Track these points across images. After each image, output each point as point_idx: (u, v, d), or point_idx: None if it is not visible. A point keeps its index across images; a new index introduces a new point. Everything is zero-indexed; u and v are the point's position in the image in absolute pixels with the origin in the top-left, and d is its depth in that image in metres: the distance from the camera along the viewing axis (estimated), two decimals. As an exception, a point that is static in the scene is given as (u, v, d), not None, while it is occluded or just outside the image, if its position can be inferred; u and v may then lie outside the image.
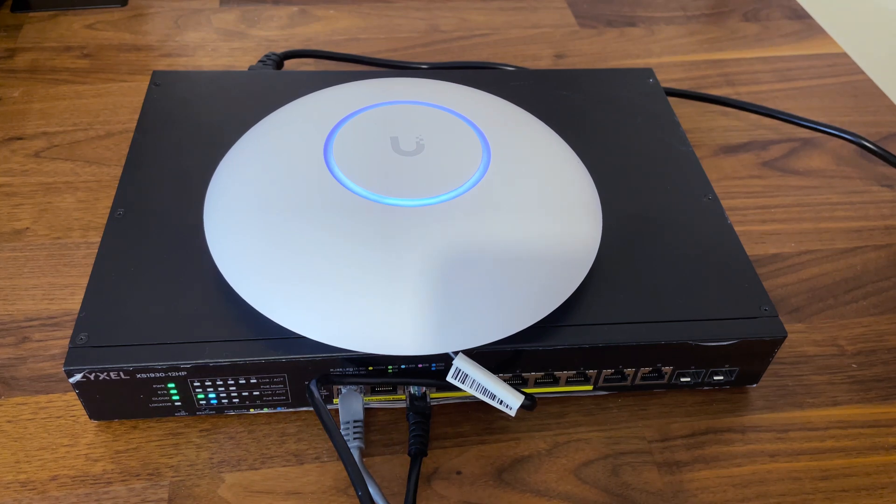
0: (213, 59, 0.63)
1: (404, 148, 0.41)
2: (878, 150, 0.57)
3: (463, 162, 0.41)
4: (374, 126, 0.43)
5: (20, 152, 0.53)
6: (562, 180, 0.43)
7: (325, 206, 0.38)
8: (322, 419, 0.35)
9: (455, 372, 0.36)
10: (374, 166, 0.40)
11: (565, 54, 0.67)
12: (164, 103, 0.49)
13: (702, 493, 0.38)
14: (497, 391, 0.36)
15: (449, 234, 0.37)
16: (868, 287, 0.49)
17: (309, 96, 0.47)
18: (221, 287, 0.38)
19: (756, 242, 0.51)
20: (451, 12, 0.71)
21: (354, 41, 0.66)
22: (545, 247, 0.38)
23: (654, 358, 0.39)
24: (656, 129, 0.50)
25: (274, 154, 0.42)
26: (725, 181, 0.55)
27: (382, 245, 0.37)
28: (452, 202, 0.39)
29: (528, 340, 0.37)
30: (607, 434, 0.40)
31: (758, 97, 0.64)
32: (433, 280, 0.36)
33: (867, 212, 0.54)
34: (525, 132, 0.45)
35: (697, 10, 0.74)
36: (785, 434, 0.41)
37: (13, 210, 0.49)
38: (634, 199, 0.45)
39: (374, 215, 0.38)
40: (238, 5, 0.70)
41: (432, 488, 0.38)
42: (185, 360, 0.36)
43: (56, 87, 0.59)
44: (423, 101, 0.45)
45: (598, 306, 0.39)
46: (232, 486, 0.37)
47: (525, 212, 0.40)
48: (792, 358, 0.45)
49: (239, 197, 0.40)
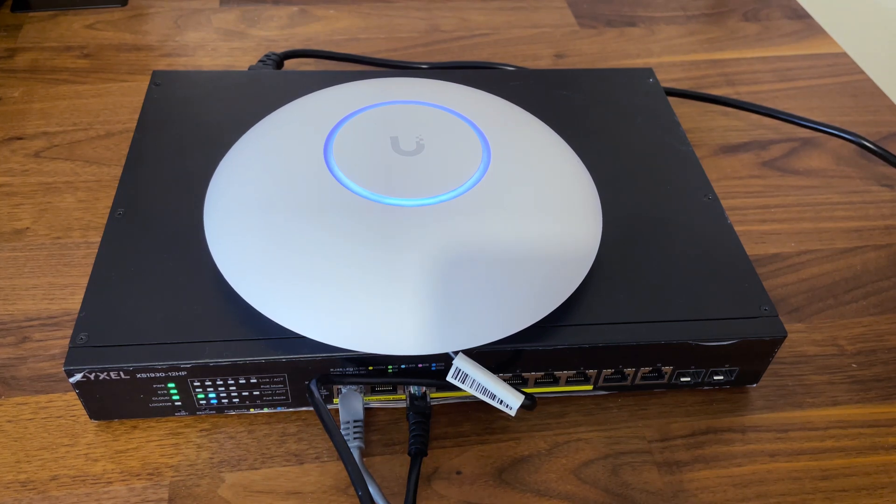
0: (213, 58, 0.63)
1: (404, 148, 0.41)
2: (878, 150, 0.57)
3: (463, 162, 0.41)
4: (374, 126, 0.43)
5: (20, 152, 0.53)
6: (562, 180, 0.43)
7: (325, 205, 0.38)
8: (322, 419, 0.35)
9: (455, 372, 0.36)
10: (374, 166, 0.40)
11: (565, 54, 0.67)
12: (164, 103, 0.49)
13: (702, 493, 0.38)
14: (497, 391, 0.36)
15: (449, 234, 0.37)
16: (868, 287, 0.49)
17: (309, 96, 0.47)
18: (221, 287, 0.38)
19: (756, 242, 0.51)
20: (451, 12, 0.71)
21: (354, 41, 0.66)
22: (545, 247, 0.38)
23: (654, 358, 0.39)
24: (656, 129, 0.50)
25: (274, 154, 0.42)
26: (725, 181, 0.55)
27: (382, 245, 0.37)
28: (452, 202, 0.39)
29: (528, 340, 0.37)
30: (607, 434, 0.40)
31: (758, 97, 0.64)
32: (433, 280, 0.36)
33: (867, 212, 0.54)
34: (525, 132, 0.45)
35: (697, 10, 0.74)
36: (785, 434, 0.41)
37: (13, 210, 0.49)
38: (634, 199, 0.45)
39: (374, 215, 0.38)
40: (238, 5, 0.70)
41: (432, 488, 0.38)
42: (185, 360, 0.36)
43: (56, 87, 0.59)
44: (423, 101, 0.45)
45: (598, 306, 0.39)
46: (232, 485, 0.37)
47: (525, 212, 0.40)
48: (792, 358, 0.45)
49: (239, 197, 0.40)
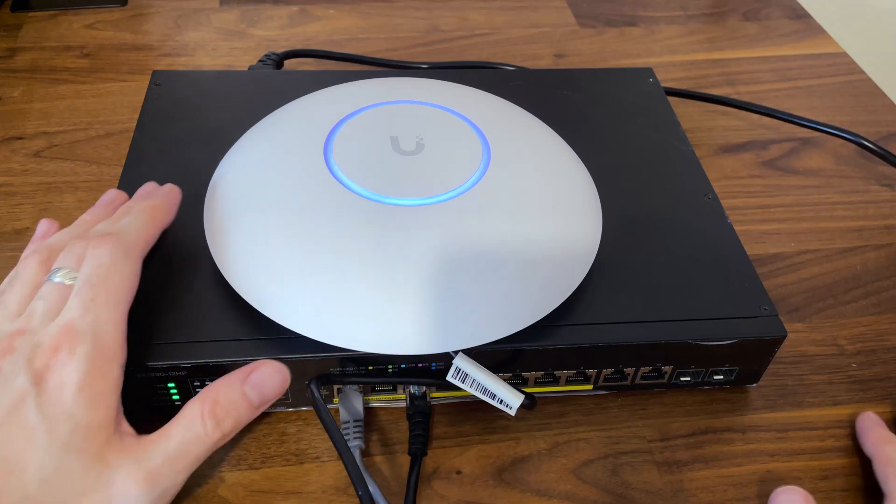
0: (213, 58, 0.63)
1: (404, 147, 0.41)
2: (877, 150, 0.57)
3: (463, 162, 0.41)
4: (374, 126, 0.43)
5: (20, 152, 0.53)
6: (561, 180, 0.43)
7: (325, 205, 0.38)
8: (322, 419, 0.35)
9: (455, 371, 0.36)
10: (375, 166, 0.40)
11: (565, 54, 0.67)
12: (164, 103, 0.49)
13: (701, 493, 0.38)
14: (497, 390, 0.36)
15: (449, 234, 0.37)
16: (868, 287, 0.49)
17: (309, 96, 0.47)
18: (221, 286, 0.38)
19: (756, 242, 0.51)
20: (451, 12, 0.71)
21: (354, 41, 0.66)
22: (545, 246, 0.38)
23: (653, 357, 0.39)
24: (656, 128, 0.50)
25: (274, 153, 0.42)
26: (725, 181, 0.55)
27: (382, 244, 0.37)
28: (452, 202, 0.39)
29: (528, 340, 0.37)
30: (607, 434, 0.40)
31: (758, 97, 0.64)
32: (433, 279, 0.36)
33: (867, 211, 0.54)
34: (525, 132, 0.45)
35: (697, 10, 0.74)
36: (785, 434, 0.41)
37: (13, 210, 0.49)
38: (634, 198, 0.45)
39: (374, 215, 0.38)
40: (238, 5, 0.70)
41: (432, 488, 0.38)
42: (185, 360, 0.36)
43: (56, 87, 0.59)
44: (422, 101, 0.45)
45: (597, 306, 0.39)
46: (232, 485, 0.37)
47: (525, 211, 0.40)
48: (792, 357, 0.45)
49: (239, 196, 0.40)
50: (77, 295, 0.33)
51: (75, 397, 0.30)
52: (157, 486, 0.31)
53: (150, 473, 0.31)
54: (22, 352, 0.31)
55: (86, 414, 0.30)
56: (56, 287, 0.34)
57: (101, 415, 0.31)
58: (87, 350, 0.31)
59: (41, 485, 0.29)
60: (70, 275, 0.34)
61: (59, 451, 0.30)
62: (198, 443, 0.32)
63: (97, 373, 0.31)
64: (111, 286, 0.34)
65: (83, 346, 0.31)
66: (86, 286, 0.33)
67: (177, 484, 0.32)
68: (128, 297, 0.34)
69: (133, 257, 0.35)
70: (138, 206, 0.38)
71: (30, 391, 0.30)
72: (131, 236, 0.36)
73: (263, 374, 0.34)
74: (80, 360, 0.31)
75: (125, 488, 0.30)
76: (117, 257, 0.34)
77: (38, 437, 0.30)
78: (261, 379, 0.34)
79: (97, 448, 0.30)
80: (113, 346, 0.32)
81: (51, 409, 0.30)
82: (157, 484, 0.31)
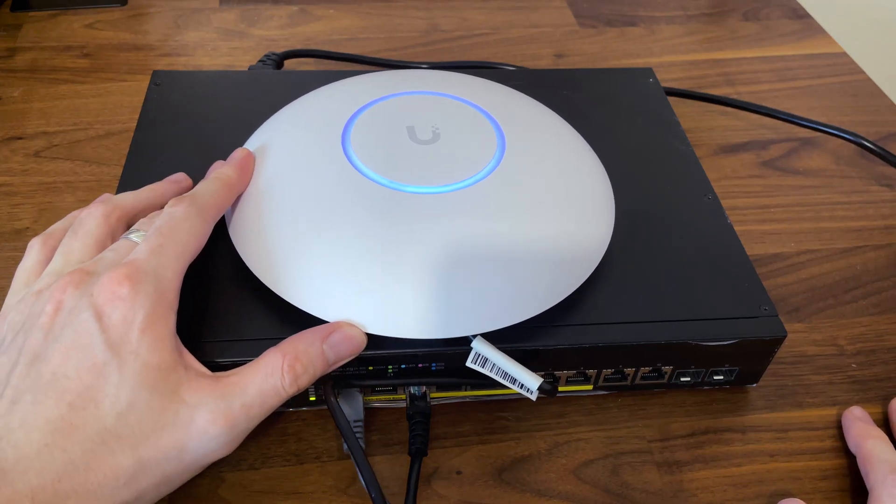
0: (213, 58, 0.63)
1: (420, 137, 0.41)
2: (877, 150, 0.57)
3: (479, 150, 0.41)
4: (391, 115, 0.43)
5: (20, 152, 0.53)
6: (576, 171, 0.43)
7: (345, 193, 0.38)
8: (338, 422, 0.35)
9: (475, 357, 0.36)
10: (392, 154, 0.40)
11: (565, 54, 0.67)
12: (164, 103, 0.49)
13: (701, 493, 0.38)
14: (517, 374, 0.36)
15: (469, 222, 0.37)
16: (868, 287, 0.49)
17: (325, 87, 0.47)
18: (221, 286, 0.38)
19: (756, 242, 0.51)
20: (451, 12, 0.71)
21: (354, 41, 0.66)
22: (559, 234, 0.39)
23: (654, 357, 0.39)
24: (656, 128, 0.50)
25: (292, 142, 0.42)
26: (725, 181, 0.55)
27: (403, 232, 0.37)
28: (471, 189, 0.39)
29: (529, 340, 0.37)
30: (607, 434, 0.40)
31: (758, 97, 0.64)
32: (452, 266, 0.36)
33: (867, 212, 0.54)
34: (539, 123, 0.45)
35: (697, 10, 0.74)
36: (785, 434, 0.41)
37: (13, 210, 0.49)
38: (634, 198, 0.45)
39: (395, 203, 0.38)
40: (238, 5, 0.70)
41: (432, 488, 0.38)
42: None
43: (56, 87, 0.59)
44: (438, 92, 0.45)
45: (597, 306, 0.39)
46: (232, 485, 0.37)
47: (539, 199, 0.40)
48: (792, 358, 0.45)
49: (260, 190, 0.40)
50: (146, 241, 0.34)
51: (140, 337, 0.31)
52: (235, 428, 0.32)
53: (228, 416, 0.32)
54: (86, 288, 0.32)
55: (151, 356, 0.31)
56: (129, 243, 0.35)
57: (166, 357, 0.31)
58: (149, 291, 0.32)
59: (117, 418, 0.30)
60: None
61: (133, 387, 0.30)
62: (274, 395, 0.33)
63: (157, 317, 0.32)
64: (179, 238, 0.34)
65: (146, 286, 0.32)
66: (155, 234, 0.34)
67: (249, 429, 0.33)
68: (193, 252, 0.35)
69: (205, 216, 0.36)
70: (213, 174, 0.39)
71: (94, 327, 0.31)
72: (206, 198, 0.37)
73: (344, 335, 0.35)
74: (144, 299, 0.31)
75: (205, 427, 0.31)
76: (190, 213, 0.35)
77: (109, 373, 0.30)
78: (340, 340, 0.34)
79: (172, 386, 0.31)
80: (171, 294, 0.33)
81: (118, 347, 0.30)
82: (234, 426, 0.32)
